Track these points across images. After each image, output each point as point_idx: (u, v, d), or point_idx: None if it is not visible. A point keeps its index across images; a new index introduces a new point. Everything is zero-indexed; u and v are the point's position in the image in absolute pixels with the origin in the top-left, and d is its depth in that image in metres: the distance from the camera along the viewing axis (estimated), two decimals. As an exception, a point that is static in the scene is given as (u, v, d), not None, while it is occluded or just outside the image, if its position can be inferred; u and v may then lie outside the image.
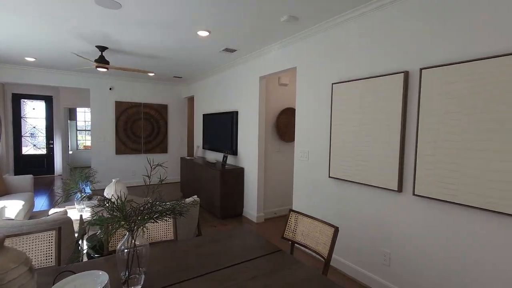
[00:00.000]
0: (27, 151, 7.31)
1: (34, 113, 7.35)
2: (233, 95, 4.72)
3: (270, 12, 2.58)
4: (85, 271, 1.19)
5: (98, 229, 2.33)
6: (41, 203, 5.08)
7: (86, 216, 2.82)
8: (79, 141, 9.58)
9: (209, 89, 5.64)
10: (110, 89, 6.15)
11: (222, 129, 4.99)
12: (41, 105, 7.40)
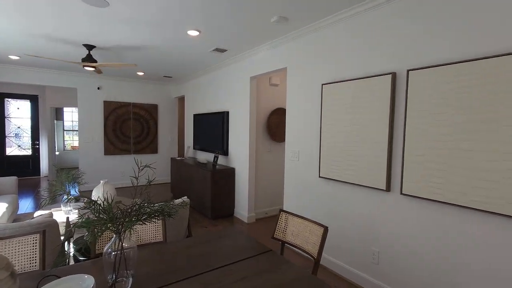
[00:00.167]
0: (12, 152, 7.09)
1: (18, 113, 7.14)
2: (224, 95, 4.71)
3: (260, 12, 2.58)
4: (70, 275, 1.16)
5: (85, 231, 2.28)
6: (26, 205, 4.94)
7: (73, 218, 2.76)
8: (66, 142, 9.36)
9: (200, 89, 5.61)
10: (98, 88, 6.03)
11: (212, 129, 4.96)
12: (26, 105, 7.20)
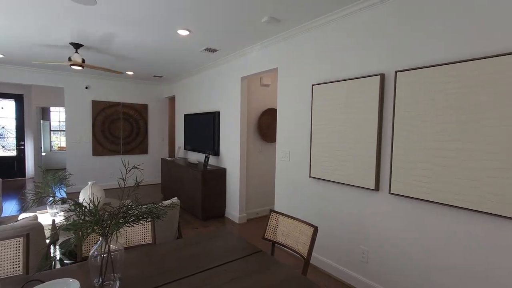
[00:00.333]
0: (-5, 153, 6.88)
1: (2, 113, 6.94)
2: (215, 95, 4.68)
3: (250, 13, 2.58)
4: (55, 279, 1.13)
5: (71, 234, 2.23)
6: (10, 208, 4.80)
7: (59, 221, 2.69)
8: (53, 142, 9.14)
9: (191, 89, 5.56)
10: (86, 88, 5.91)
11: (203, 129, 4.93)
12: (10, 104, 7.00)
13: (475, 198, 1.70)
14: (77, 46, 3.60)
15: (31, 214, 2.66)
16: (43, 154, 8.40)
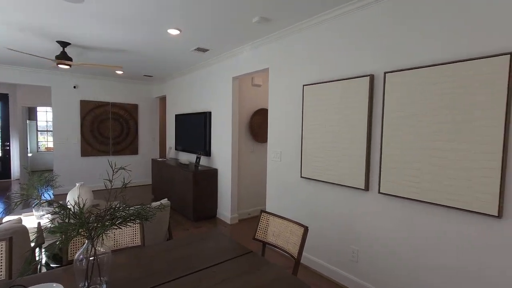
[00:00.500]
0: (-21, 154, 6.67)
1: (-14, 113, 6.73)
2: (206, 95, 4.65)
3: (241, 12, 2.57)
4: (38, 284, 1.10)
5: (58, 237, 2.17)
6: (-6, 210, 4.66)
7: (44, 223, 2.62)
8: (40, 143, 8.92)
9: (182, 89, 5.52)
10: (74, 87, 5.79)
11: (195, 129, 4.89)
12: (-5, 104, 6.79)
13: (463, 197, 1.73)
14: (64, 44, 3.52)
15: (16, 216, 2.59)
16: (30, 155, 8.19)
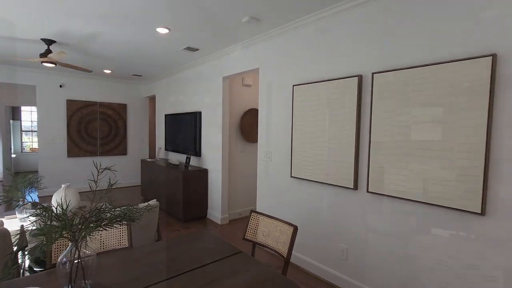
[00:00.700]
0: (-41, 155, 6.42)
1: (-33, 112, 6.49)
2: (196, 95, 4.62)
3: (230, 12, 2.56)
4: (19, 288, 1.07)
5: (40, 240, 2.11)
6: (-25, 213, 4.49)
7: (26, 226, 2.55)
8: (25, 143, 8.67)
9: (172, 89, 5.46)
10: (60, 86, 5.65)
11: (185, 129, 4.85)
12: (-24, 103, 6.56)
13: (447, 195, 1.77)
14: (49, 42, 3.43)
15: (-2, 219, 2.50)
16: (13, 156, 7.95)
